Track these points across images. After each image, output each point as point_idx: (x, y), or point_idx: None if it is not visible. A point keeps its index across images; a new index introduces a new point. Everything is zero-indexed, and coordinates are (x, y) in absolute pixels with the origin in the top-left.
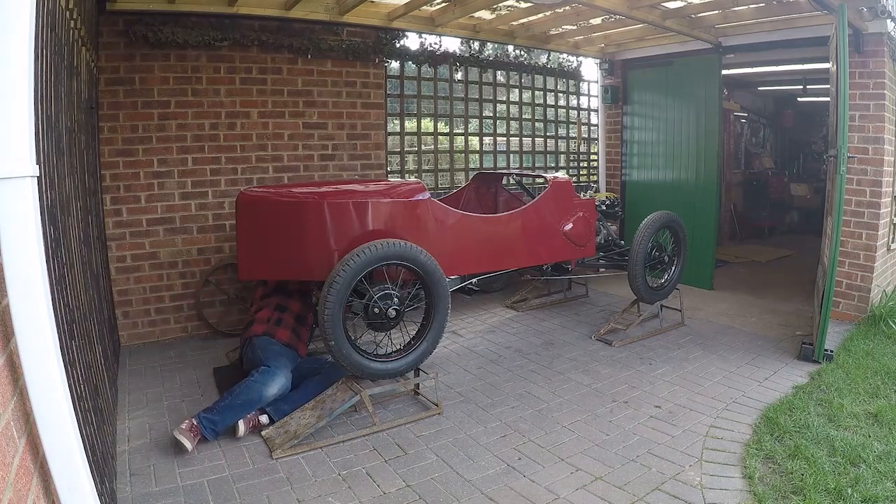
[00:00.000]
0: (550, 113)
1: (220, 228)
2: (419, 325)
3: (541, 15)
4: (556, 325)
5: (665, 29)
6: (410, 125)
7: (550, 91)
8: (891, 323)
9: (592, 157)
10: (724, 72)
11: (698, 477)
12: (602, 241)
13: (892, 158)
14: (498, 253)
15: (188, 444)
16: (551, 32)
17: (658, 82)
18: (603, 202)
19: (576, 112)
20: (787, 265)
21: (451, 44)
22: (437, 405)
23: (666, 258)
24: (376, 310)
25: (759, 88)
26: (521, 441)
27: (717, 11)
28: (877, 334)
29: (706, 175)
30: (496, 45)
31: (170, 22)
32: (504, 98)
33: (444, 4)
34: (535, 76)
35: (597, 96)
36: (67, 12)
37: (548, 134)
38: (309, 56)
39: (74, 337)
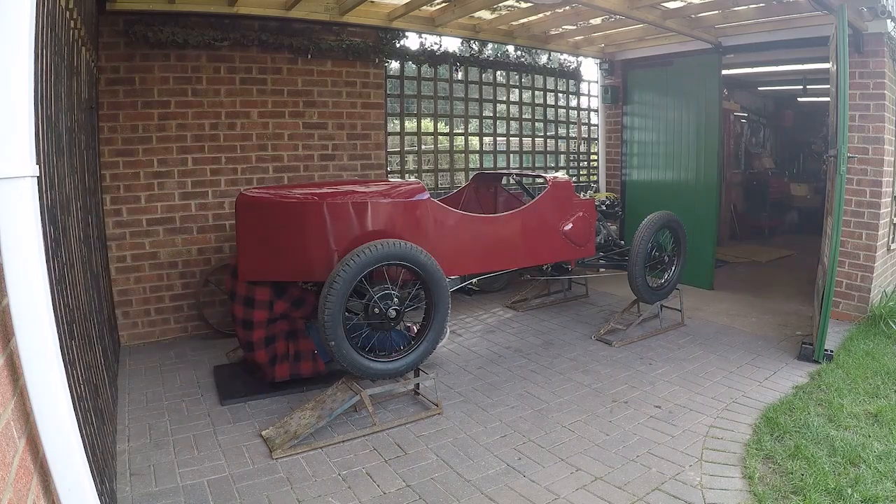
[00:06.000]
0: (550, 113)
1: (220, 228)
2: (419, 324)
3: (541, 15)
4: (556, 325)
5: (665, 29)
6: (410, 125)
7: (550, 91)
8: (891, 323)
9: (592, 157)
10: (724, 72)
11: (698, 477)
12: (602, 241)
13: (892, 158)
14: (498, 253)
15: None
16: (551, 32)
17: (658, 82)
18: (603, 202)
19: (576, 112)
20: (787, 265)
21: (451, 44)
22: (437, 405)
23: (666, 258)
24: (376, 310)
25: (759, 88)
26: (521, 441)
27: (717, 11)
28: (877, 334)
29: (706, 175)
30: (496, 45)
31: (170, 22)
32: (504, 98)
33: (444, 4)
34: (535, 76)
35: (597, 96)
36: (67, 12)
37: (548, 134)
38: (309, 56)
39: (74, 337)
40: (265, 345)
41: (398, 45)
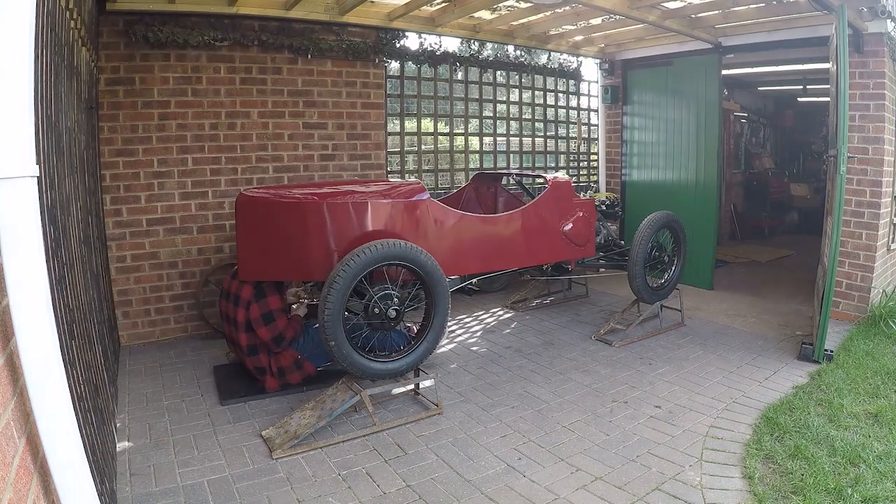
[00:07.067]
0: (550, 113)
1: (220, 228)
2: (419, 324)
3: (541, 15)
4: (556, 325)
5: (665, 29)
6: (410, 125)
7: (550, 91)
8: (891, 323)
9: (592, 157)
10: (724, 72)
11: (698, 477)
12: (602, 241)
13: (892, 158)
14: (498, 253)
15: None
16: (551, 32)
17: (658, 82)
18: (603, 202)
19: (576, 112)
20: (787, 265)
21: (451, 44)
22: (437, 405)
23: (666, 258)
24: (376, 310)
25: (759, 88)
26: (521, 441)
27: (717, 11)
28: (877, 334)
29: (706, 175)
30: (496, 45)
31: (170, 22)
32: (504, 98)
33: (444, 4)
34: (535, 76)
35: (597, 96)
36: (67, 12)
37: (548, 134)
38: (309, 56)
39: (74, 337)
40: (248, 354)
41: (398, 45)
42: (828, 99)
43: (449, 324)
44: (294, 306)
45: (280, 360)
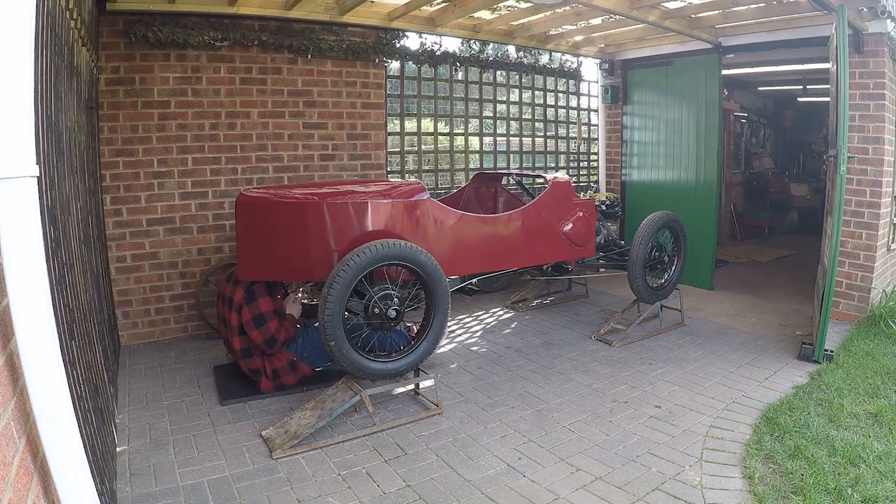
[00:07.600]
0: (550, 113)
1: (220, 228)
2: (419, 324)
3: (541, 15)
4: (556, 325)
5: (665, 29)
6: (410, 125)
7: (550, 91)
8: (891, 323)
9: (592, 157)
10: (724, 72)
11: (698, 477)
12: (602, 241)
13: (892, 158)
14: (498, 253)
15: None
16: (551, 32)
17: (658, 82)
18: (603, 202)
19: (576, 112)
20: (787, 265)
21: (451, 44)
22: (437, 405)
23: (666, 258)
24: (376, 310)
25: (759, 88)
26: (521, 441)
27: (717, 11)
28: (877, 334)
29: (706, 175)
30: (496, 45)
31: (170, 22)
32: (504, 98)
33: (444, 4)
34: (536, 76)
35: (597, 96)
36: (67, 12)
37: (548, 134)
38: (309, 56)
39: (74, 337)
40: (242, 356)
41: (398, 45)
42: (828, 99)
43: (449, 324)
44: (288, 304)
45: (274, 361)
